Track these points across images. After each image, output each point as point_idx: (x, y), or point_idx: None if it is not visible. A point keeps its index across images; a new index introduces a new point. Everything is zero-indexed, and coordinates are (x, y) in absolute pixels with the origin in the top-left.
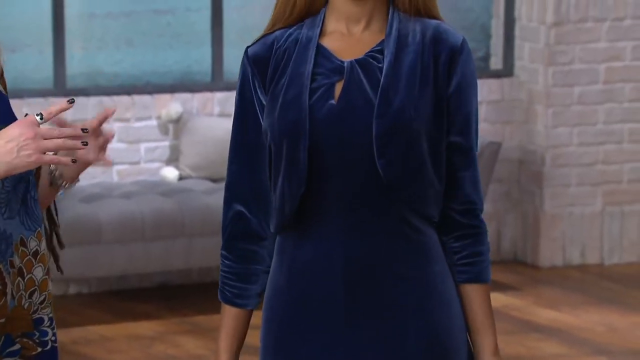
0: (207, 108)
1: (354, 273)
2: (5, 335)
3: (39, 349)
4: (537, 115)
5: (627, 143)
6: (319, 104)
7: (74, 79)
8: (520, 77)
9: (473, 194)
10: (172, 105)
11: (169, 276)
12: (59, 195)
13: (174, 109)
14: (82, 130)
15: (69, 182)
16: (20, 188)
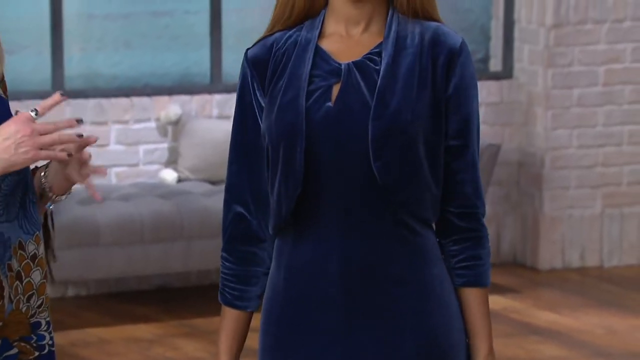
0: (206, 110)
1: (351, 274)
2: (3, 339)
3: (36, 353)
4: (537, 118)
5: (627, 145)
6: (315, 106)
7: (72, 81)
8: (520, 79)
9: (473, 197)
10: (171, 107)
11: (168, 279)
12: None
13: (173, 111)
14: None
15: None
16: (19, 191)
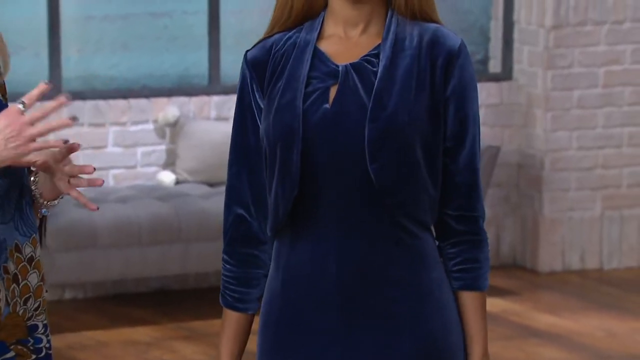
0: (204, 112)
1: (348, 276)
2: (0, 343)
3: (34, 356)
4: (536, 119)
5: (627, 147)
6: (312, 108)
7: (69, 83)
8: (519, 81)
9: (471, 200)
10: (169, 109)
11: (166, 281)
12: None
13: (171, 112)
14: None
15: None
16: (14, 193)
